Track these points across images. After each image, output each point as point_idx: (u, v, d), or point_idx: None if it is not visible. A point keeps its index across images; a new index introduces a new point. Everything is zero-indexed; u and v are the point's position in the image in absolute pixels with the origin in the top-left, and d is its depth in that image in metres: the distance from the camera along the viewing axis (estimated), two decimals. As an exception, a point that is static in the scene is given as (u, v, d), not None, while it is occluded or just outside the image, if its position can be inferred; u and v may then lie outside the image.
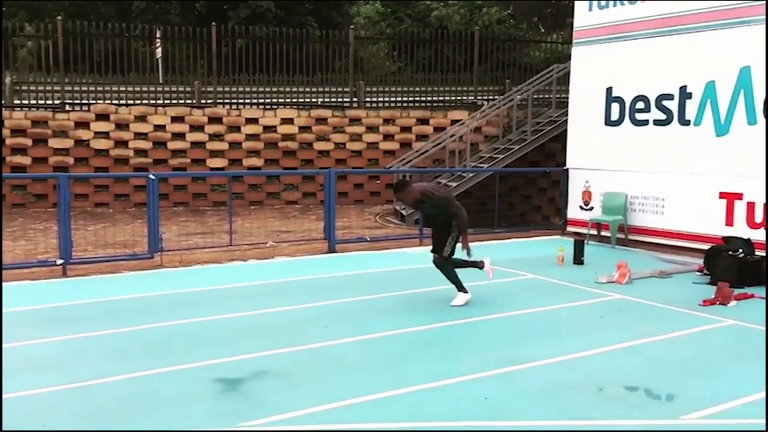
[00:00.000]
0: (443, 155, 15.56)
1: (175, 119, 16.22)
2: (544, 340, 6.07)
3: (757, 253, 8.67)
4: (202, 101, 16.86)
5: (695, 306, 7.22)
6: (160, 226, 9.59)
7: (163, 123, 16.14)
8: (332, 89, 18.06)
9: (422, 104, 18.27)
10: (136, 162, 15.87)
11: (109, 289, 7.98)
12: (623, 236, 11.11)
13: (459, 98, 18.74)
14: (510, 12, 25.36)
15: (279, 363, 5.35)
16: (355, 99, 17.91)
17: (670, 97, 10.61)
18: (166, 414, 4.38)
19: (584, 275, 8.70)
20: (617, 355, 5.65)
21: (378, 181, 17.07)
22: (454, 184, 13.99)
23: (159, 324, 6.44)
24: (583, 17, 12.01)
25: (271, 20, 21.78)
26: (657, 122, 10.81)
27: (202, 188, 16.33)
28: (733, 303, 7.28)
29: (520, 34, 23.51)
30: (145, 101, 16.58)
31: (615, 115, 11.44)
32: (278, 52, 17.67)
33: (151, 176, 9.49)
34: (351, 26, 20.56)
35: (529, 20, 25.71)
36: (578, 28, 12.15)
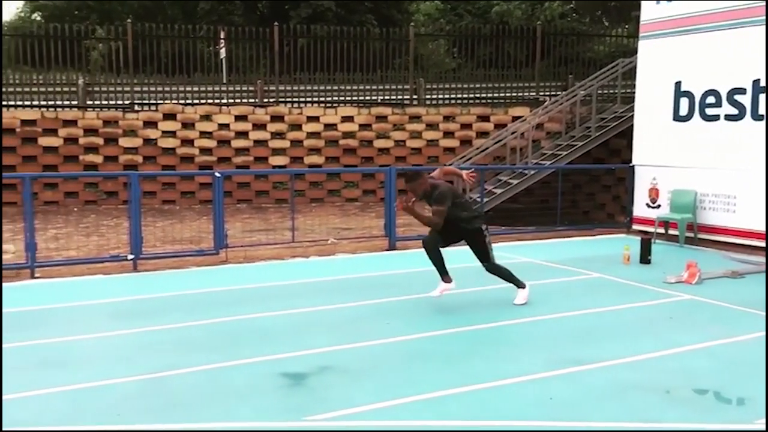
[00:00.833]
0: (504, 152, 15.40)
1: (238, 118, 16.56)
2: (610, 340, 5.95)
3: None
4: (265, 100, 17.15)
5: (770, 308, 6.96)
6: (225, 223, 9.80)
7: (227, 122, 16.50)
8: (392, 87, 18.11)
9: (483, 101, 18.13)
10: (202, 160, 16.26)
11: (177, 283, 8.21)
12: (692, 235, 10.79)
13: (520, 94, 18.52)
14: (572, 6, 24.89)
15: (342, 359, 5.40)
16: (415, 96, 17.92)
17: (742, 91, 10.23)
18: (235, 406, 4.48)
19: (652, 275, 8.49)
20: (687, 357, 5.49)
21: (438, 179, 17.00)
22: (515, 182, 13.84)
23: (225, 318, 6.59)
24: (650, 10, 11.71)
25: (331, 19, 21.96)
26: (728, 117, 10.45)
27: (264, 186, 16.62)
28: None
29: (583, 28, 23.07)
30: (210, 101, 16.97)
31: (684, 110, 11.11)
32: (339, 51, 17.82)
33: (216, 174, 9.71)
34: (411, 24, 20.56)
35: (593, 14, 25.17)
36: (645, 21, 11.84)
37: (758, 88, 10.00)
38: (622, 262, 9.24)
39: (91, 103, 16.52)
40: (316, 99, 17.60)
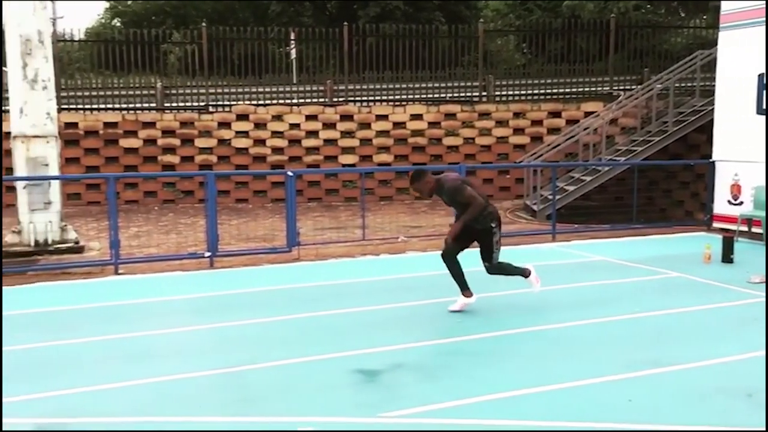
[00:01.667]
0: (576, 149, 15.10)
1: (308, 117, 16.80)
2: (691, 342, 5.76)
3: None
4: (334, 99, 17.34)
5: None
6: (297, 221, 9.96)
7: (297, 121, 16.77)
8: (461, 84, 18.01)
9: (554, 96, 17.82)
10: (273, 159, 16.58)
11: (252, 280, 8.40)
12: (778, 233, 10.31)
13: (593, 89, 18.11)
14: (647, -3, 24.14)
15: (416, 356, 5.42)
16: (484, 93, 17.76)
17: (833, 81, 9.72)
18: (310, 402, 4.55)
19: (734, 274, 8.16)
20: (774, 361, 5.26)
21: (508, 176, 16.84)
22: (588, 179, 13.56)
23: (299, 315, 6.70)
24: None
25: (399, 17, 22.00)
26: (818, 109, 9.94)
27: (334, 184, 16.81)
28: None
29: (658, 19, 22.36)
30: (281, 101, 17.28)
31: (768, 103, 10.63)
32: (407, 49, 17.84)
33: (289, 173, 9.88)
34: (480, 20, 20.38)
35: (668, 5, 24.36)
36: (726, 12, 11.39)
37: None
38: (702, 261, 8.92)
39: (168, 105, 17.07)
40: (384, 97, 17.68)
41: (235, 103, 17.05)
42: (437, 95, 17.77)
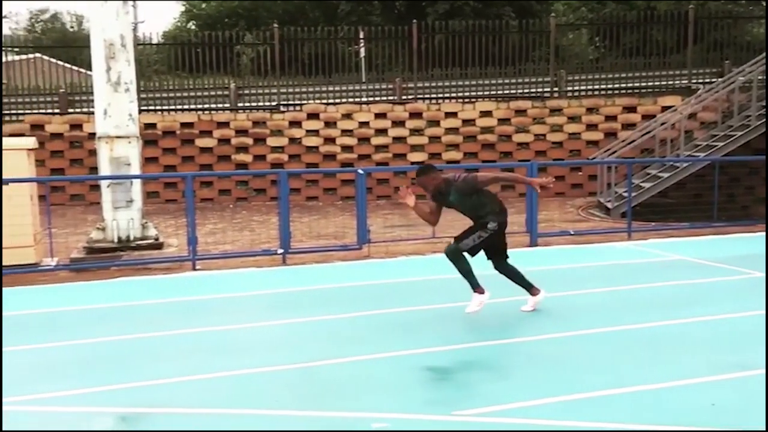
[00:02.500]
0: (652, 144, 14.65)
1: (378, 116, 16.89)
2: (778, 345, 5.51)
3: None
4: (403, 97, 17.37)
5: None
6: (367, 219, 10.03)
7: (367, 120, 16.88)
8: (531, 79, 17.75)
9: (629, 91, 17.35)
10: (343, 158, 16.74)
11: (324, 277, 8.52)
12: None
13: (670, 83, 17.54)
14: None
15: (488, 354, 5.38)
16: (555, 88, 17.46)
17: None
18: (383, 398, 4.58)
19: (824, 275, 7.76)
20: None
21: (580, 173, 16.51)
22: (665, 175, 13.15)
23: (370, 312, 6.75)
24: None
25: (468, 13, 21.86)
26: None
27: (403, 182, 16.81)
28: None
29: (739, 10, 21.45)
30: (351, 99, 17.42)
31: None
32: (476, 45, 17.70)
33: (359, 171, 9.97)
34: (552, 14, 20.02)
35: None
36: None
37: None
38: (789, 261, 8.52)
39: (241, 105, 17.46)
40: (454, 94, 17.60)
41: (305, 102, 17.30)
42: (507, 91, 17.55)
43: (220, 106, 17.40)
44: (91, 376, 5.03)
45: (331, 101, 17.34)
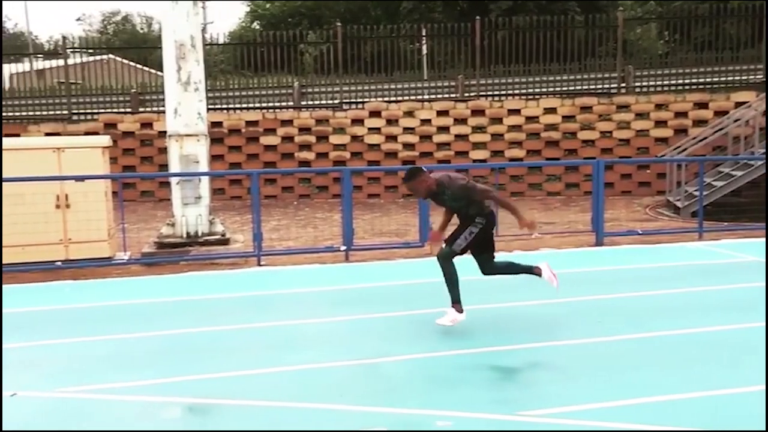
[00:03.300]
0: (725, 142, 14.16)
1: (440, 113, 16.85)
2: None
3: None
4: (466, 94, 17.26)
5: None
6: (429, 216, 10.01)
7: (428, 117, 16.85)
8: (597, 75, 17.39)
9: (700, 86, 16.80)
10: (405, 155, 16.77)
11: (387, 274, 8.55)
12: None
13: (744, 78, 16.91)
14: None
15: (554, 355, 5.30)
16: (623, 84, 17.04)
17: None
18: (446, 396, 4.56)
19: None
20: None
21: (648, 171, 16.09)
22: (739, 173, 12.68)
23: (436, 309, 6.69)
24: None
25: (532, 9, 21.56)
26: None
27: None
28: None
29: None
30: (413, 97, 17.42)
31: None
32: (540, 41, 17.44)
33: (423, 169, 9.92)
34: (619, 8, 19.56)
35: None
36: None
37: None
38: None
39: (304, 103, 17.69)
40: (517, 91, 17.39)
41: (367, 100, 17.40)
42: (572, 88, 17.25)
43: (283, 104, 17.67)
44: (161, 367, 5.18)
45: (392, 99, 17.38)
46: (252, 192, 9.61)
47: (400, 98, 17.47)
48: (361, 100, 17.56)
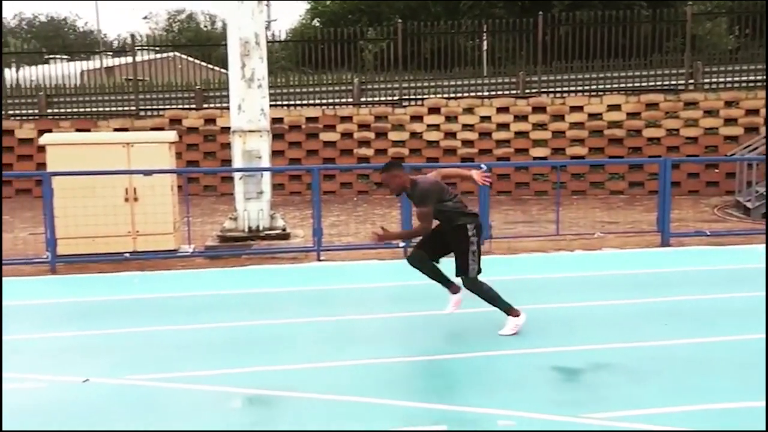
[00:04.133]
0: (800, 140, 13.59)
1: (500, 110, 16.67)
2: None
3: None
4: (526, 91, 17.03)
5: None
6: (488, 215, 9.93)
7: (488, 114, 16.70)
8: (664, 71, 16.90)
9: (773, 83, 16.15)
10: (463, 152, 16.66)
11: (445, 271, 8.49)
12: None
13: (821, 74, 16.17)
14: None
15: (619, 357, 5.18)
16: (691, 81, 16.53)
17: None
18: (508, 395, 4.52)
19: None
20: None
21: (716, 171, 15.58)
22: (814, 174, 12.14)
23: (491, 308, 6.65)
24: None
25: (596, 4, 21.09)
26: None
27: (524, 177, 16.55)
28: None
29: None
30: (472, 94, 17.29)
31: None
32: (604, 36, 17.06)
33: (482, 166, 9.83)
34: (688, 2, 18.96)
35: None
36: None
37: None
38: None
39: (364, 100, 17.76)
40: (579, 88, 17.06)
41: (426, 96, 17.34)
42: (638, 84, 16.81)
43: (343, 100, 17.77)
44: (224, 358, 5.29)
45: (452, 95, 17.29)
46: (313, 188, 9.70)
47: (459, 95, 17.35)
48: (420, 96, 17.52)
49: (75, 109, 18.06)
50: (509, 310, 5.80)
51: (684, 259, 8.94)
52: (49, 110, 17.98)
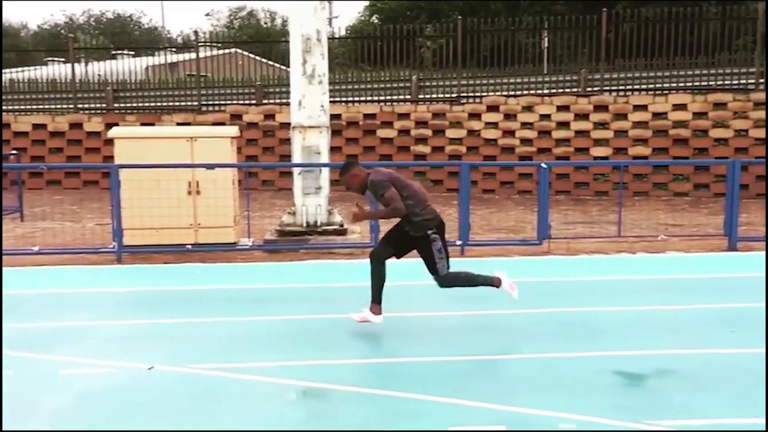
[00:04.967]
0: None
1: (560, 108, 16.41)
2: None
3: None
4: (588, 89, 16.71)
5: None
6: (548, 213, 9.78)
7: (548, 112, 16.46)
8: (733, 70, 16.34)
9: None
10: (522, 151, 16.46)
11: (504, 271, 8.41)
12: None
13: None
14: None
15: (683, 364, 5.04)
16: (761, 80, 15.94)
17: None
18: (569, 398, 4.44)
19: None
20: None
21: (787, 173, 14.97)
22: None
23: (553, 309, 6.59)
24: None
25: (662, 1, 20.53)
26: None
27: (584, 177, 16.25)
28: None
29: None
30: (532, 91, 17.06)
31: None
32: (670, 34, 16.59)
33: (542, 165, 9.72)
34: (759, -2, 18.28)
35: None
36: None
37: None
38: None
39: (422, 97, 17.73)
40: (644, 86, 16.65)
41: (485, 94, 17.20)
42: (705, 83, 16.30)
43: (401, 97, 17.78)
44: (281, 351, 5.37)
45: (511, 93, 17.10)
46: (369, 184, 9.73)
47: (518, 92, 17.15)
48: (479, 94, 17.38)
49: (140, 104, 18.56)
50: (492, 281, 5.91)
51: (752, 264, 8.62)
52: (116, 104, 18.54)
